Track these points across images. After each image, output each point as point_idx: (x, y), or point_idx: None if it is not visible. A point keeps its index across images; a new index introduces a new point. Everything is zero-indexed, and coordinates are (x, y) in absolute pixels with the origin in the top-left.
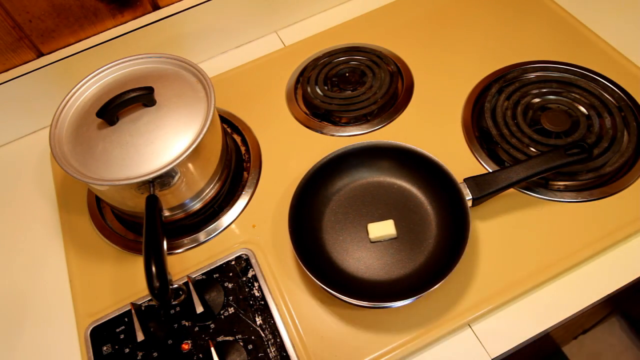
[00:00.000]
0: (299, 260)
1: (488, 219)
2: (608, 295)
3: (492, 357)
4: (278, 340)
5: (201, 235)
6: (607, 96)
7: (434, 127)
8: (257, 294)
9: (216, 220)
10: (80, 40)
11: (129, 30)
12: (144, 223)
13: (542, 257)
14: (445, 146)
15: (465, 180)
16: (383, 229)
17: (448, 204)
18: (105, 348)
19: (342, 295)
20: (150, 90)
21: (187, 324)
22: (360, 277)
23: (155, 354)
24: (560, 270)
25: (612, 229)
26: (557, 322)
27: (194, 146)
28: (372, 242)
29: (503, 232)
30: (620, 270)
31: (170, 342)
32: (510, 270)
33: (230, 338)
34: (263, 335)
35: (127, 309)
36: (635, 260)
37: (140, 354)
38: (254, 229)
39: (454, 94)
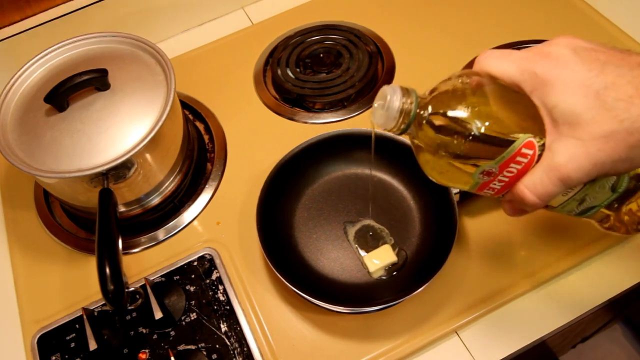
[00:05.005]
0: (268, 261)
1: (477, 215)
2: (609, 300)
3: None
4: (245, 349)
5: (160, 233)
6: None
7: None
8: (222, 298)
9: (177, 217)
10: (27, 18)
11: (81, 6)
12: (96, 219)
13: (538, 259)
14: None
15: None
16: (382, 256)
17: (433, 198)
18: (54, 358)
19: (316, 299)
20: (103, 72)
21: (144, 331)
22: (336, 279)
23: None
24: (557, 272)
25: None
26: (553, 329)
27: (152, 134)
28: (372, 274)
29: (494, 230)
30: (623, 273)
31: (125, 351)
32: (502, 272)
33: (192, 347)
34: (228, 343)
35: (78, 315)
36: (639, 262)
37: None
38: (218, 226)
39: (440, 77)
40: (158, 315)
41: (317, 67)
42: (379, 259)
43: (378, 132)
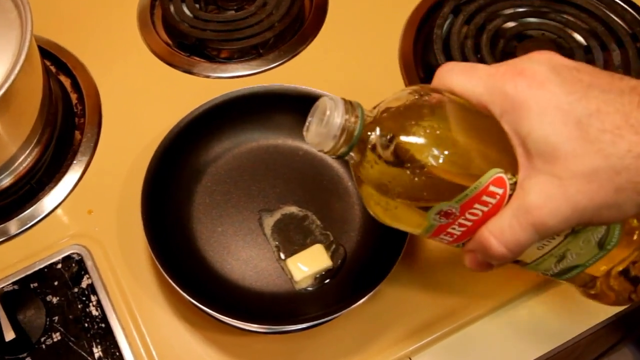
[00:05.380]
0: (158, 263)
1: None
2: (614, 316)
3: None
4: None
5: (12, 226)
6: (616, 19)
7: (357, 65)
8: (95, 312)
9: (34, 203)
10: None
11: None
12: None
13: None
14: (376, 93)
15: None
16: (312, 260)
17: None
18: None
19: (222, 314)
20: None
21: None
22: (249, 287)
23: None
24: (544, 280)
25: None
26: (543, 353)
27: (1, 93)
28: (297, 284)
29: None
30: None
31: None
32: (471, 280)
33: None
34: None
35: None
36: None
37: None
38: (90, 216)
39: (387, 16)
40: (9, 335)
41: (223, 1)
42: (308, 265)
43: (307, 90)
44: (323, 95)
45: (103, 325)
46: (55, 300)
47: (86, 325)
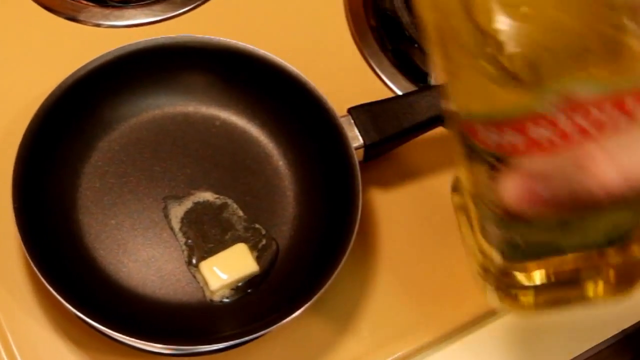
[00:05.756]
0: (33, 265)
1: (397, 187)
2: (621, 333)
3: None
4: None
5: None
6: None
7: (291, 10)
8: None
9: None
10: None
11: None
12: None
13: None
14: (315, 47)
15: (352, 111)
16: (232, 264)
17: (319, 156)
18: None
19: (117, 331)
20: None
21: None
22: (152, 296)
23: None
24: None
25: None
26: None
27: None
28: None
29: (426, 213)
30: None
31: None
32: (441, 281)
33: None
34: None
35: None
36: None
37: None
38: None
39: None
40: None
41: None
42: (227, 270)
43: (225, 43)
44: (246, 49)
45: None
46: None
47: None
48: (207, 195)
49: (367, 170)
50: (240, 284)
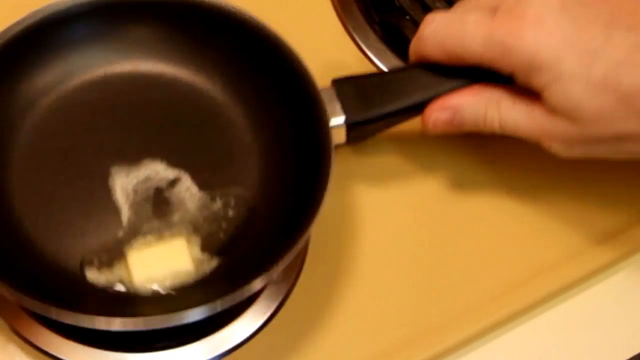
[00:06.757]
0: None
1: (385, 178)
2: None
3: None
4: None
5: None
6: None
7: None
8: None
9: None
10: None
11: None
12: None
13: (502, 273)
14: (290, 18)
15: (336, 83)
16: (163, 261)
17: (293, 130)
18: None
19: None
20: None
21: None
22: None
23: None
24: (528, 304)
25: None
26: None
27: None
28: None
29: (414, 209)
30: None
31: None
32: (430, 281)
33: None
34: None
35: None
36: None
37: None
38: None
39: None
40: None
41: None
42: (152, 268)
43: None
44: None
45: None
46: None
47: None
48: (159, 167)
49: (351, 155)
50: (171, 283)
